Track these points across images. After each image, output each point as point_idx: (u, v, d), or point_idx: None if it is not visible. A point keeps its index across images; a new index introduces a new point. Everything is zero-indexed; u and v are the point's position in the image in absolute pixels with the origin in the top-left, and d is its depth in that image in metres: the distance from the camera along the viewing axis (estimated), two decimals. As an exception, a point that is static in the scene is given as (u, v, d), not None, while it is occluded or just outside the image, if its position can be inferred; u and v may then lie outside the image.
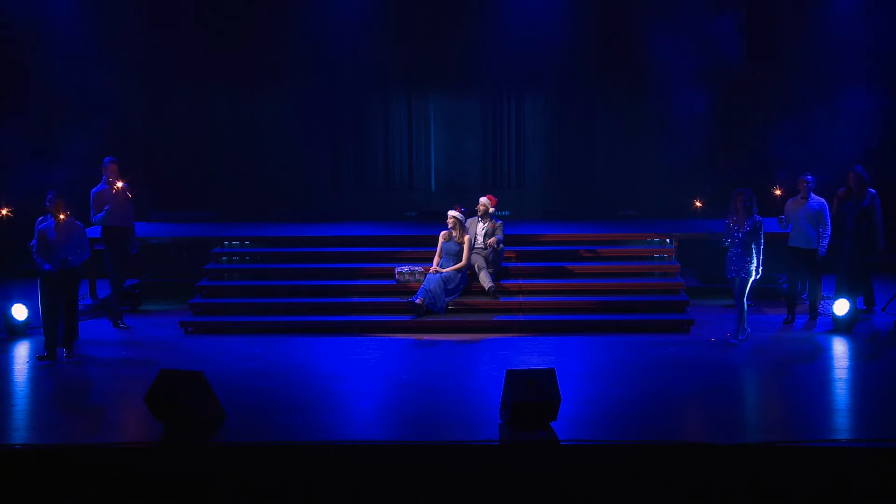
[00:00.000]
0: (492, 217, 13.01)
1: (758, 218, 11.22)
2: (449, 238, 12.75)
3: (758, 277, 11.31)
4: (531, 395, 8.37)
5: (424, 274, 12.53)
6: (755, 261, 11.20)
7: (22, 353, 11.30)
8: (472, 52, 15.96)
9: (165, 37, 15.88)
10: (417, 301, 12.20)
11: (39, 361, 10.76)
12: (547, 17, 15.86)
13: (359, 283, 13.03)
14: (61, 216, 10.98)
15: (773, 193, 12.95)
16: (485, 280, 12.65)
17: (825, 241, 12.17)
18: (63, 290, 10.97)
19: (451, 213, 12.79)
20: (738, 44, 15.11)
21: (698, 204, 13.89)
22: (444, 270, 12.51)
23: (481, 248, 12.90)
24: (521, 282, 13.05)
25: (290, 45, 15.90)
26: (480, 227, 12.97)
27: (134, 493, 7.96)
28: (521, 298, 12.75)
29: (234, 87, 16.57)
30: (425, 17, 16.05)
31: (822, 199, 12.25)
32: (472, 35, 15.86)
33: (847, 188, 12.68)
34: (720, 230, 11.58)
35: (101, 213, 12.37)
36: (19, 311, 11.92)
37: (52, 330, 10.86)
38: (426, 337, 11.95)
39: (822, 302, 13.05)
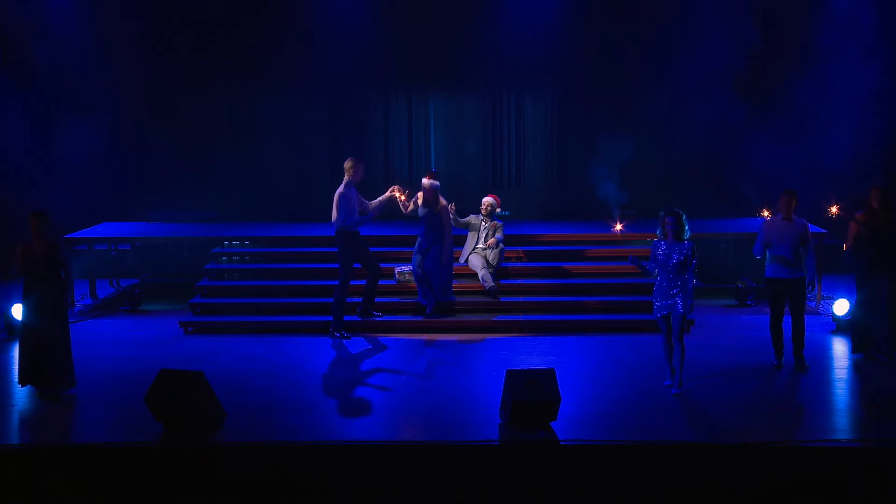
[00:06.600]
0: (493, 217, 13.01)
1: (692, 243, 9.65)
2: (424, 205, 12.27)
3: (691, 312, 9.77)
4: (531, 395, 8.38)
5: None
6: (689, 291, 9.65)
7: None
8: (472, 51, 15.94)
9: (165, 36, 15.85)
10: (443, 300, 12.28)
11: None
12: (547, 17, 15.83)
13: (359, 283, 13.02)
14: None
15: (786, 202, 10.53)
16: (485, 280, 12.65)
17: (812, 270, 10.40)
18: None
19: (426, 181, 12.22)
20: (739, 45, 15.11)
21: None
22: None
23: (482, 247, 12.90)
24: (521, 282, 13.05)
25: (290, 44, 15.88)
26: (483, 227, 12.97)
27: (134, 493, 7.97)
28: (521, 298, 12.74)
29: (234, 87, 16.53)
30: (425, 17, 16.03)
31: (803, 219, 10.54)
32: (473, 35, 15.83)
33: (868, 209, 10.72)
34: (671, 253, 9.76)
35: (370, 214, 12.02)
36: (19, 312, 11.88)
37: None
38: (426, 337, 11.95)
39: (822, 302, 13.04)
